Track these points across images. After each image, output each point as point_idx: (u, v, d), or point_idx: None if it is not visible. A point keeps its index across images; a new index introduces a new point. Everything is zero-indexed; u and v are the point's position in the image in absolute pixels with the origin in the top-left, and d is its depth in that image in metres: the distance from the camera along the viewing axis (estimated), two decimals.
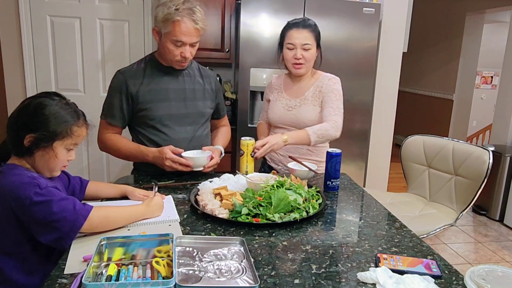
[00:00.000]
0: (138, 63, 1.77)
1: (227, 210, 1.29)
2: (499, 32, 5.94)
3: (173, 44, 1.62)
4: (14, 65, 3.16)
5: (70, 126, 1.15)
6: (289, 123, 1.91)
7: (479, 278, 0.93)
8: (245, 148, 1.69)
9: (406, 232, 1.27)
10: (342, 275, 0.99)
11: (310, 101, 1.89)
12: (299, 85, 1.95)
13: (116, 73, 1.74)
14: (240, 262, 0.99)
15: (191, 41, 1.63)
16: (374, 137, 3.31)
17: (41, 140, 1.11)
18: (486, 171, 1.96)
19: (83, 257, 1.00)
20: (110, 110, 1.71)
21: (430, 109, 6.21)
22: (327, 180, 1.64)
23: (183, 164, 1.61)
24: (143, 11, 3.28)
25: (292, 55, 1.83)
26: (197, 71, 1.84)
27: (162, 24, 1.60)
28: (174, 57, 1.65)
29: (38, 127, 1.10)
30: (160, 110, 1.71)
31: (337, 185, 1.64)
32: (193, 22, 1.59)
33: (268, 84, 2.07)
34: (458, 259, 3.03)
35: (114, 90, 1.71)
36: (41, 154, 1.13)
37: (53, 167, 1.17)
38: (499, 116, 3.96)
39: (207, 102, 1.83)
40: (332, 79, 1.90)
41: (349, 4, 2.82)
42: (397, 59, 3.24)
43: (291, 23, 1.86)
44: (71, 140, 1.16)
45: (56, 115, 1.12)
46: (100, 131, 1.74)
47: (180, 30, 1.58)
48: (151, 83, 1.71)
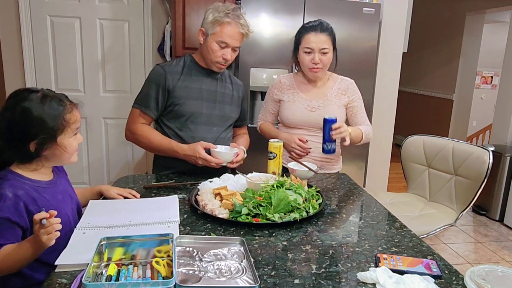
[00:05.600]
0: (176, 61, 1.83)
1: (227, 210, 1.29)
2: (499, 32, 5.94)
3: (217, 45, 1.69)
4: (14, 65, 3.16)
5: (63, 117, 1.13)
6: (313, 124, 1.90)
7: (479, 278, 0.93)
8: (277, 150, 1.69)
9: (406, 232, 1.27)
10: (342, 275, 0.99)
11: (334, 102, 1.90)
12: (317, 85, 1.94)
13: (155, 66, 1.80)
14: (240, 262, 0.99)
15: (234, 44, 1.71)
16: (374, 137, 3.28)
17: (44, 143, 1.11)
18: (486, 171, 1.96)
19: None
20: (145, 100, 1.76)
21: (430, 109, 6.21)
22: (323, 144, 1.72)
23: (214, 162, 1.66)
24: (143, 11, 3.28)
25: (310, 59, 1.82)
26: (228, 78, 1.92)
27: (211, 25, 1.68)
28: (215, 58, 1.72)
29: (35, 134, 1.09)
30: (191, 107, 1.76)
31: (333, 149, 1.73)
32: (240, 26, 1.69)
33: (276, 83, 2.01)
34: (458, 259, 3.02)
35: (153, 81, 1.76)
36: (51, 153, 1.14)
37: (67, 157, 1.19)
38: (499, 116, 3.96)
39: (234, 108, 1.90)
40: (353, 83, 1.98)
41: (349, 4, 2.82)
42: (397, 59, 3.24)
43: (307, 26, 1.84)
44: (70, 128, 1.16)
45: (44, 115, 1.10)
46: (132, 120, 1.78)
47: (227, 31, 1.67)
48: (187, 80, 1.77)
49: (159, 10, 3.32)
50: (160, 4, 3.31)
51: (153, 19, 3.31)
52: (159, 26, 3.32)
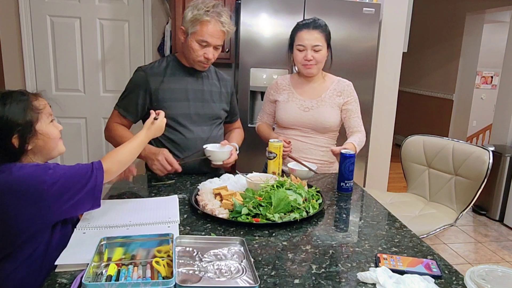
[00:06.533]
0: (159, 62, 1.80)
1: (227, 210, 1.29)
2: (499, 32, 5.94)
3: (198, 44, 1.66)
4: (14, 65, 3.16)
5: (31, 105, 1.13)
6: (306, 124, 1.89)
7: (479, 278, 0.93)
8: (277, 150, 1.68)
9: (406, 232, 1.27)
10: (342, 275, 0.99)
11: (328, 103, 1.89)
12: (312, 85, 1.93)
13: (137, 69, 1.77)
14: (240, 262, 0.99)
15: (215, 43, 1.67)
16: (374, 137, 3.31)
17: (24, 134, 1.10)
18: (486, 171, 1.96)
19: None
20: (126, 103, 1.75)
21: (430, 109, 6.21)
22: (340, 181, 1.62)
23: (170, 170, 1.63)
24: (143, 11, 3.28)
25: (303, 57, 1.82)
26: (214, 74, 1.89)
27: (190, 24, 1.65)
28: (197, 57, 1.69)
29: (11, 129, 1.08)
30: (178, 109, 1.74)
31: (351, 187, 1.62)
32: (220, 24, 1.65)
33: (273, 84, 2.02)
34: (458, 259, 3.03)
35: (134, 85, 1.74)
36: (36, 146, 1.13)
37: (53, 146, 1.18)
38: (499, 116, 3.96)
39: (222, 104, 1.87)
40: (350, 85, 1.95)
41: (349, 4, 2.82)
42: (397, 59, 3.24)
43: (301, 24, 1.84)
44: (43, 114, 1.15)
45: (9, 110, 1.09)
46: (111, 119, 1.78)
47: (207, 30, 1.63)
48: (171, 81, 1.75)
49: (159, 10, 3.32)
50: (160, 4, 3.31)
51: (153, 19, 3.31)
52: (159, 26, 3.32)
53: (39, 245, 1.09)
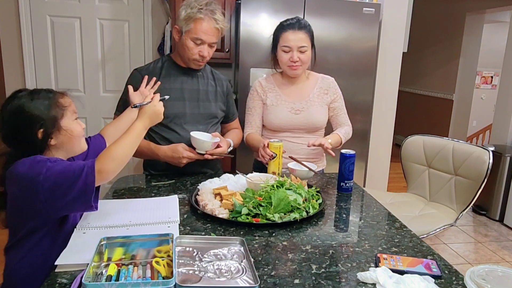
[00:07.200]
0: (154, 63, 1.81)
1: (227, 210, 1.29)
2: (499, 32, 5.94)
3: (192, 42, 1.67)
4: (14, 65, 3.16)
5: (57, 102, 1.16)
6: (298, 126, 1.88)
7: (479, 278, 0.93)
8: (277, 150, 1.67)
9: (406, 232, 1.27)
10: (342, 275, 0.99)
11: (317, 102, 1.89)
12: (297, 86, 1.92)
13: (133, 71, 1.78)
14: (240, 262, 0.99)
15: (210, 40, 1.67)
16: (374, 137, 3.31)
17: (48, 128, 1.13)
18: (486, 171, 1.96)
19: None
20: (125, 106, 1.72)
21: (430, 109, 6.20)
22: (340, 181, 1.63)
23: (197, 158, 1.67)
24: (143, 11, 3.28)
25: (288, 58, 1.79)
26: (210, 74, 1.88)
27: (184, 22, 1.65)
28: (192, 55, 1.69)
29: (36, 122, 1.11)
30: (174, 109, 1.73)
31: (351, 187, 1.63)
32: (214, 22, 1.65)
33: (257, 86, 1.93)
34: (458, 259, 3.03)
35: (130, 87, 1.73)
36: (59, 141, 1.16)
37: (76, 144, 1.21)
38: (499, 116, 3.96)
39: (219, 104, 1.87)
40: (334, 81, 1.96)
41: (349, 4, 2.82)
42: (397, 59, 3.24)
43: (285, 24, 1.81)
44: (68, 111, 1.18)
45: (35, 105, 1.13)
46: None
47: (201, 28, 1.64)
48: (167, 81, 1.75)
49: (159, 10, 3.32)
50: (160, 4, 3.31)
51: (153, 19, 3.31)
52: (159, 26, 3.32)
53: (41, 241, 1.10)
